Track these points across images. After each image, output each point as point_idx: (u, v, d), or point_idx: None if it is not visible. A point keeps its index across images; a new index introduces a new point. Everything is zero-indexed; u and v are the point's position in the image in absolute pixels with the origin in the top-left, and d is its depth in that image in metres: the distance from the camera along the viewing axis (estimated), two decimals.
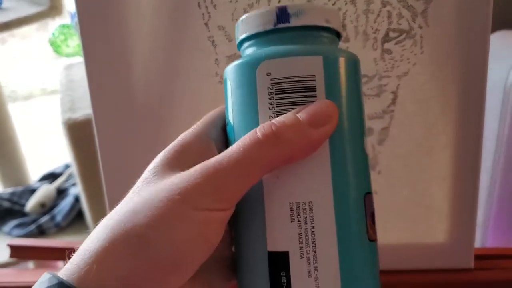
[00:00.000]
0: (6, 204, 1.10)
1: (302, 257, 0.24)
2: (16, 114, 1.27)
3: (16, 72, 2.52)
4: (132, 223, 0.23)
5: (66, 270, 0.23)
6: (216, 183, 0.23)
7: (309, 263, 0.24)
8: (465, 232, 0.45)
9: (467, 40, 0.40)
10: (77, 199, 1.07)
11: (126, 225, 0.23)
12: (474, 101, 0.42)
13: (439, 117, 0.43)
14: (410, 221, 0.45)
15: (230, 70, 0.27)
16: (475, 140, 0.43)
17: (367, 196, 0.26)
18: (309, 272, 0.24)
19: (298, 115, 0.24)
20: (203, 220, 0.23)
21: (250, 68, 0.26)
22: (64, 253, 0.54)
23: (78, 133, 0.92)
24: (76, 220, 1.07)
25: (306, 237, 0.24)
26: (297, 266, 0.24)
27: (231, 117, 0.27)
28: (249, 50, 0.28)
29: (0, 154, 1.18)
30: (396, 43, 0.41)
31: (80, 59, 1.09)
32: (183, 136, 0.28)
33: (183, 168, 0.25)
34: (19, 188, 1.15)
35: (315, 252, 0.24)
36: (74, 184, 1.14)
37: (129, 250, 0.22)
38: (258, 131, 0.24)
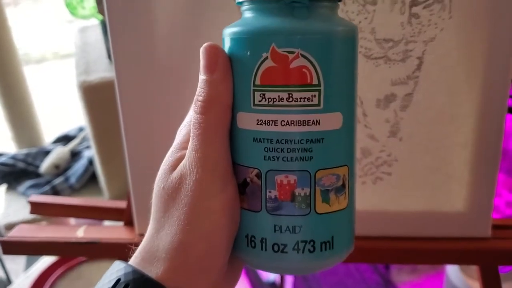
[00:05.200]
0: (21, 164, 1.12)
1: None
2: (29, 77, 1.27)
3: (28, 35, 2.51)
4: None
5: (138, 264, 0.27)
6: None
7: None
8: (483, 201, 0.45)
9: (497, 5, 0.39)
10: (90, 162, 1.08)
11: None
12: (499, 70, 0.41)
13: (464, 84, 0.42)
14: (429, 189, 0.45)
15: None
16: (499, 109, 0.42)
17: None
18: None
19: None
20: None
21: None
22: (81, 211, 0.55)
23: (93, 96, 0.92)
24: (89, 182, 1.08)
25: None
26: None
27: None
28: None
29: (14, 115, 1.19)
30: (424, 7, 0.40)
31: (94, 22, 1.08)
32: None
33: None
34: (33, 149, 1.16)
35: None
36: (88, 147, 1.14)
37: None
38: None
